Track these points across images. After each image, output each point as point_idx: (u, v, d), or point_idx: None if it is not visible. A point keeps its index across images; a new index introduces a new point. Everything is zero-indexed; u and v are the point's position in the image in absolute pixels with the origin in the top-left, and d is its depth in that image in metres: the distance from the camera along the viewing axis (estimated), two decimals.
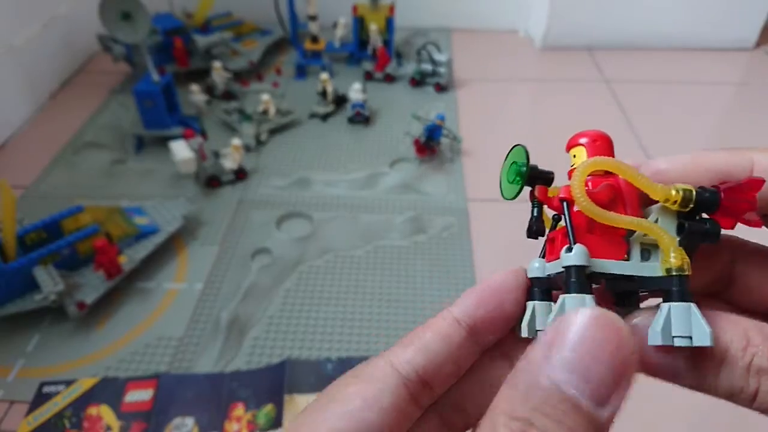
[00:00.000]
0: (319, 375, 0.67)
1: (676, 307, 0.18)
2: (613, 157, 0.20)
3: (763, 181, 0.18)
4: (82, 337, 0.73)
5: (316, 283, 0.80)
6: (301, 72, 1.30)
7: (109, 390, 0.66)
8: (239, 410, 0.64)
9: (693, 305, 0.18)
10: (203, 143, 0.94)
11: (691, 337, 0.17)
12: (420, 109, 1.16)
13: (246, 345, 0.71)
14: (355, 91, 1.12)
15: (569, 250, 0.18)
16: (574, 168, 0.20)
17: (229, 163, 0.97)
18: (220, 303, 0.77)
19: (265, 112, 1.12)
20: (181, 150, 0.92)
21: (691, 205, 0.18)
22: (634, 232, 0.19)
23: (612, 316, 0.15)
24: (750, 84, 1.31)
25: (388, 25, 1.29)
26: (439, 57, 1.24)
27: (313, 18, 1.27)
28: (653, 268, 0.19)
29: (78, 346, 0.72)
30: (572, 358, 0.15)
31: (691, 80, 1.31)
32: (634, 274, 0.19)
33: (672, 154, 0.20)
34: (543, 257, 0.20)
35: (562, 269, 0.18)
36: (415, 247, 0.86)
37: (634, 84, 1.30)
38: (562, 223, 0.20)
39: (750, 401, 0.17)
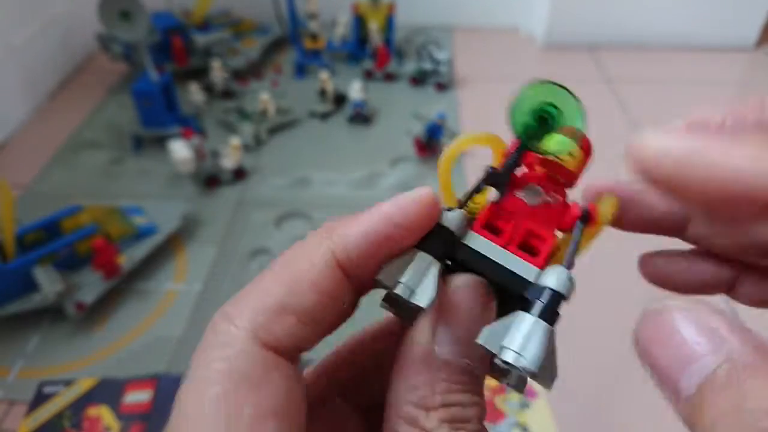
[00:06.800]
0: None
1: (527, 321, 0.14)
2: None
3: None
4: (82, 338, 0.73)
5: None
6: (301, 71, 1.30)
7: (108, 391, 0.66)
8: None
9: (549, 329, 0.14)
10: (202, 142, 0.94)
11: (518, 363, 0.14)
12: (420, 108, 1.16)
13: None
14: (355, 90, 1.12)
15: (449, 209, 0.16)
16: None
17: (228, 162, 0.97)
18: (220, 303, 0.75)
19: (264, 112, 1.12)
20: (180, 149, 0.92)
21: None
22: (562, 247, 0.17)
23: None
24: (750, 84, 1.31)
25: (389, 24, 1.28)
26: (440, 55, 1.24)
27: (312, 16, 1.26)
28: (526, 268, 0.15)
29: (77, 347, 0.72)
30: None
31: (691, 80, 1.31)
32: (494, 260, 0.15)
33: None
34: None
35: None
36: None
37: (635, 83, 1.29)
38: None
39: None
